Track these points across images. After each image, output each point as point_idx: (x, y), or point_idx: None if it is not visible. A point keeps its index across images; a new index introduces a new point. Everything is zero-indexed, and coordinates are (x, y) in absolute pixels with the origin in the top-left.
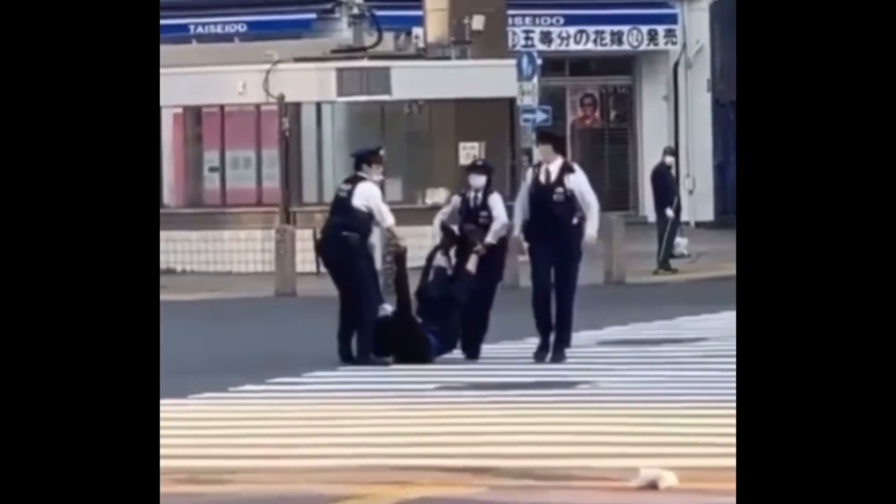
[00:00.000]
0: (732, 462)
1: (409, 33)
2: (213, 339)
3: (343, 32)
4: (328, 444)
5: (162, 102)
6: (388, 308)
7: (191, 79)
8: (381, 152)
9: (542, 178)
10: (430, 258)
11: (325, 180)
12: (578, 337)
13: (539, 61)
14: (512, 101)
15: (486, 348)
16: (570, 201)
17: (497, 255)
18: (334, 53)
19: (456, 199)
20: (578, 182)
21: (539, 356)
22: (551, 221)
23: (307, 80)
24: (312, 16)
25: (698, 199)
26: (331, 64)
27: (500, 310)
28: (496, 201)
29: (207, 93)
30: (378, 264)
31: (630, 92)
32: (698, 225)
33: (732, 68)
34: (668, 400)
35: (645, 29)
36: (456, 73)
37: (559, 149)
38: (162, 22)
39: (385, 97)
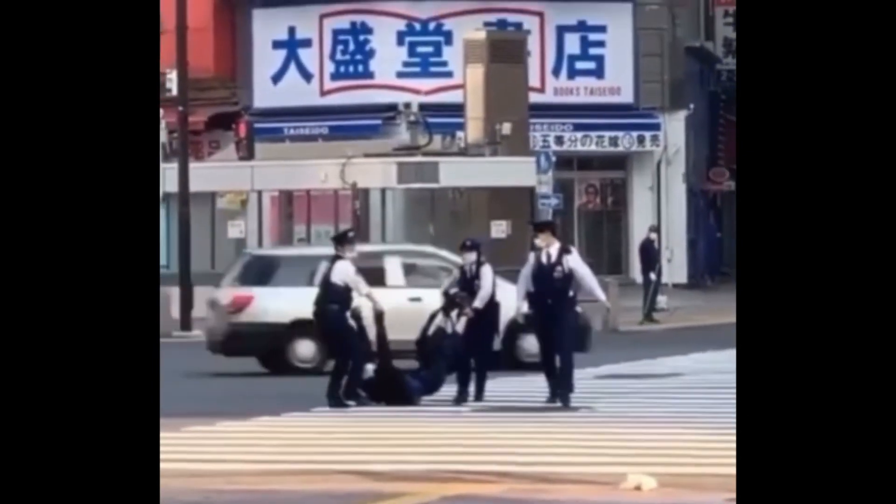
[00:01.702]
0: (703, 470)
1: (453, 136)
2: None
3: (402, 135)
4: (380, 452)
5: (261, 187)
6: (369, 369)
7: (285, 170)
8: (352, 234)
9: (544, 259)
10: (433, 317)
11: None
12: (581, 372)
13: (553, 159)
14: (532, 189)
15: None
16: (568, 278)
17: (488, 316)
18: (395, 151)
19: (456, 272)
20: (575, 262)
21: (552, 399)
22: (553, 294)
23: (374, 171)
24: (379, 122)
25: (675, 265)
26: (393, 159)
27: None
28: (485, 273)
29: (297, 181)
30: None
31: (623, 183)
32: (674, 286)
33: (702, 165)
34: (652, 421)
35: (635, 135)
36: (489, 167)
37: (556, 234)
38: (261, 125)
39: (434, 185)
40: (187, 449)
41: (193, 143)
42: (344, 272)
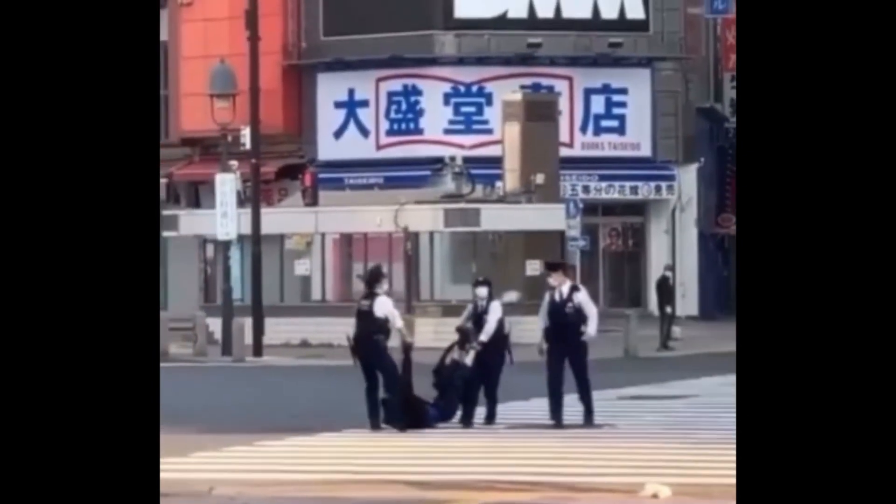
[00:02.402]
0: (712, 480)
1: (493, 185)
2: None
3: (448, 184)
4: (426, 463)
5: (324, 230)
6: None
7: (345, 215)
8: (384, 271)
9: (557, 297)
10: (449, 349)
11: (435, 284)
12: (604, 394)
13: (581, 206)
14: (562, 232)
15: (521, 405)
16: (579, 313)
17: (495, 348)
18: (442, 199)
19: (470, 306)
20: (583, 299)
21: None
22: (566, 328)
23: (424, 217)
24: (428, 173)
25: (687, 300)
26: (440, 205)
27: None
28: (494, 308)
29: (356, 224)
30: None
31: (642, 227)
32: (687, 318)
33: (712, 211)
34: (668, 436)
35: (653, 184)
36: (524, 213)
37: (567, 274)
38: (324, 175)
39: (476, 228)
40: (260, 461)
41: (265, 191)
42: (386, 306)
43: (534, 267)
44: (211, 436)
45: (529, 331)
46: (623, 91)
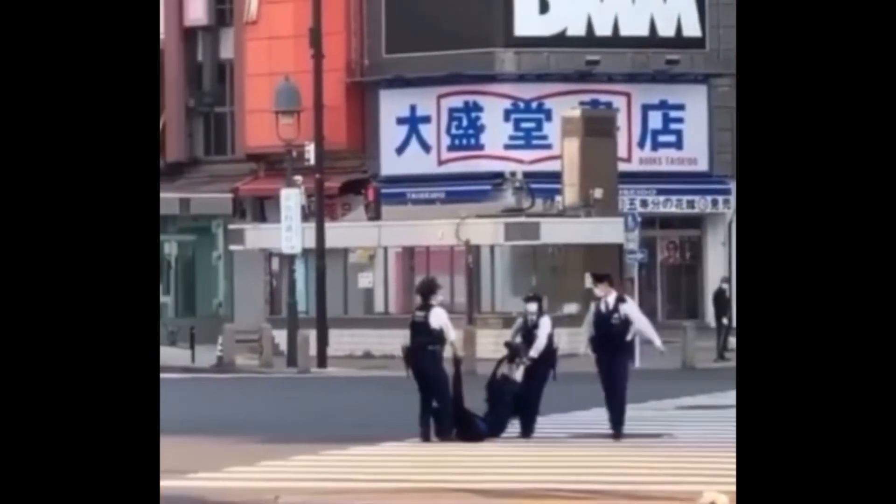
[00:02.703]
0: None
1: (552, 200)
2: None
3: (508, 199)
4: (487, 473)
5: (387, 244)
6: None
7: (407, 229)
8: (438, 283)
9: (603, 308)
10: (500, 363)
11: (496, 297)
12: (662, 403)
13: (639, 219)
14: (621, 245)
15: (581, 415)
16: (625, 323)
17: (544, 363)
18: (503, 213)
19: (520, 321)
20: (630, 309)
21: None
22: (612, 338)
23: (485, 230)
24: (489, 187)
25: None
26: (500, 219)
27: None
28: (544, 324)
29: (418, 238)
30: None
31: (699, 240)
32: None
33: None
34: (725, 445)
35: (709, 198)
36: (583, 227)
37: (612, 285)
38: (387, 190)
39: (536, 242)
40: (325, 470)
41: (328, 205)
42: (441, 318)
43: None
44: (277, 445)
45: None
46: (680, 107)
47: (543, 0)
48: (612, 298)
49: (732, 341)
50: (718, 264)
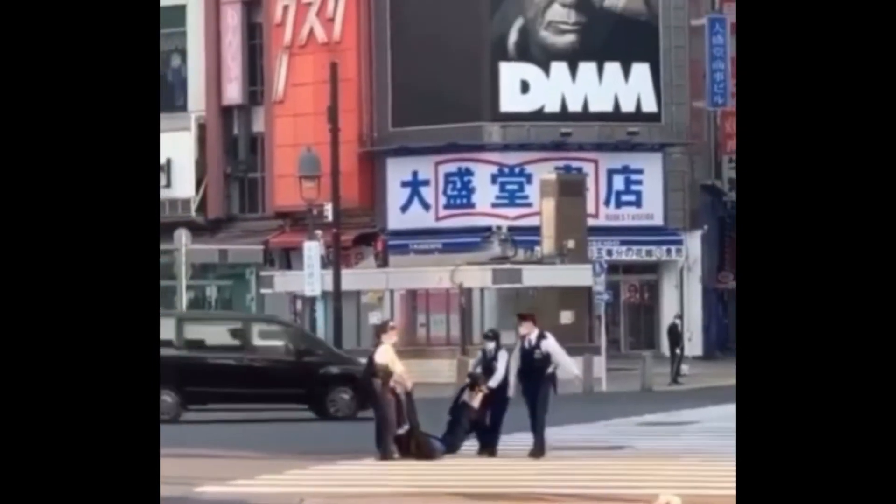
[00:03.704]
0: (717, 492)
1: (532, 250)
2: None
3: (495, 249)
4: (474, 480)
5: (393, 287)
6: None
7: (410, 275)
8: (392, 324)
9: (526, 345)
10: (462, 391)
11: (485, 331)
12: (626, 420)
13: (605, 266)
14: (590, 288)
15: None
16: (546, 358)
17: (501, 393)
18: (491, 261)
19: (480, 355)
20: (550, 345)
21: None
22: (534, 370)
23: (475, 276)
24: (478, 239)
25: (693, 343)
26: (488, 266)
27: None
28: (501, 357)
29: (419, 282)
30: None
31: (656, 283)
32: (693, 358)
33: (713, 270)
34: (680, 455)
35: (664, 248)
36: (559, 272)
37: (536, 323)
38: (393, 242)
39: (518, 285)
40: (342, 478)
41: (344, 255)
42: (386, 354)
43: (567, 317)
44: (298, 458)
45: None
46: (639, 171)
47: (524, 82)
48: (534, 336)
49: (684, 368)
50: (672, 303)
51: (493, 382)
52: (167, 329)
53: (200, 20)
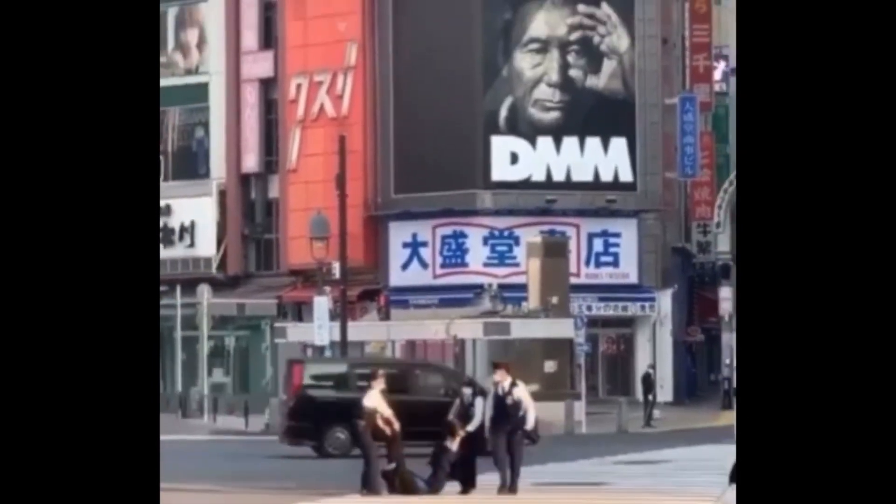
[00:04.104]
0: None
1: (520, 305)
2: None
3: (486, 304)
4: None
5: (394, 338)
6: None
7: (410, 327)
8: (380, 372)
9: (500, 391)
10: (442, 440)
11: (476, 378)
12: (603, 460)
13: (585, 320)
14: (571, 340)
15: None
16: (517, 404)
17: (479, 437)
18: (482, 315)
19: (458, 402)
20: (521, 392)
21: (501, 490)
22: (506, 415)
23: (468, 328)
24: (471, 295)
25: (664, 390)
26: (480, 320)
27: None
28: (478, 403)
29: (418, 333)
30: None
31: (631, 336)
32: (665, 403)
33: (682, 324)
34: (656, 490)
35: (639, 304)
36: (543, 325)
37: (509, 371)
38: (394, 298)
39: (507, 337)
40: None
41: (350, 309)
42: (374, 398)
43: (550, 366)
44: (304, 492)
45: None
46: (617, 235)
47: (514, 153)
48: (507, 383)
49: (657, 413)
50: (645, 354)
51: (472, 426)
52: (341, 372)
53: (222, 97)
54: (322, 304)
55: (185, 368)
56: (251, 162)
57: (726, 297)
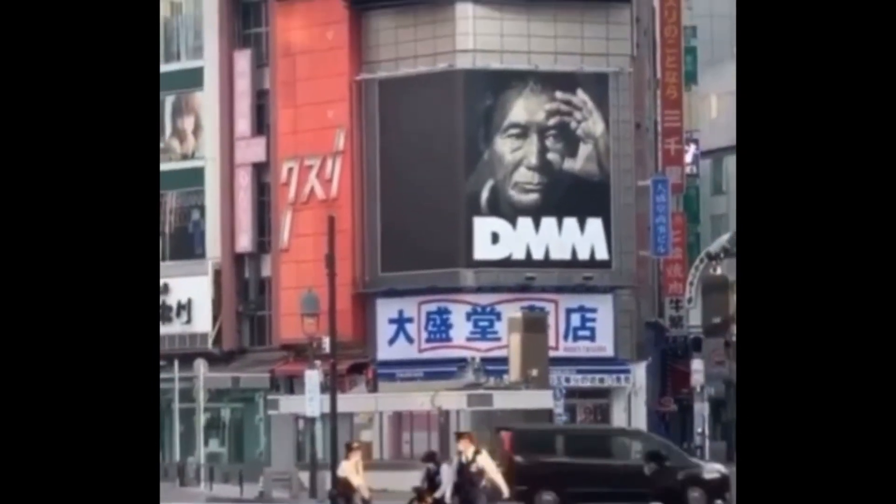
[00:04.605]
0: None
1: (501, 377)
2: None
3: (469, 377)
4: None
5: (382, 409)
6: None
7: (396, 399)
8: (355, 445)
9: (463, 459)
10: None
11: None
12: None
13: (564, 391)
14: (551, 410)
15: None
16: (480, 473)
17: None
18: (465, 387)
19: (424, 470)
20: (485, 461)
21: None
22: (470, 483)
23: (452, 399)
24: (455, 369)
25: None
26: (464, 392)
27: None
28: (444, 471)
29: (405, 405)
30: None
31: (608, 406)
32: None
33: (656, 395)
34: None
35: (615, 376)
36: (524, 397)
37: (472, 441)
38: (382, 371)
39: (490, 408)
40: None
41: (339, 381)
42: (347, 468)
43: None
44: None
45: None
46: (593, 310)
47: (495, 233)
48: (470, 452)
49: None
50: (621, 424)
51: (439, 493)
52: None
53: (217, 180)
54: (313, 377)
55: (182, 439)
56: (245, 242)
57: (698, 368)
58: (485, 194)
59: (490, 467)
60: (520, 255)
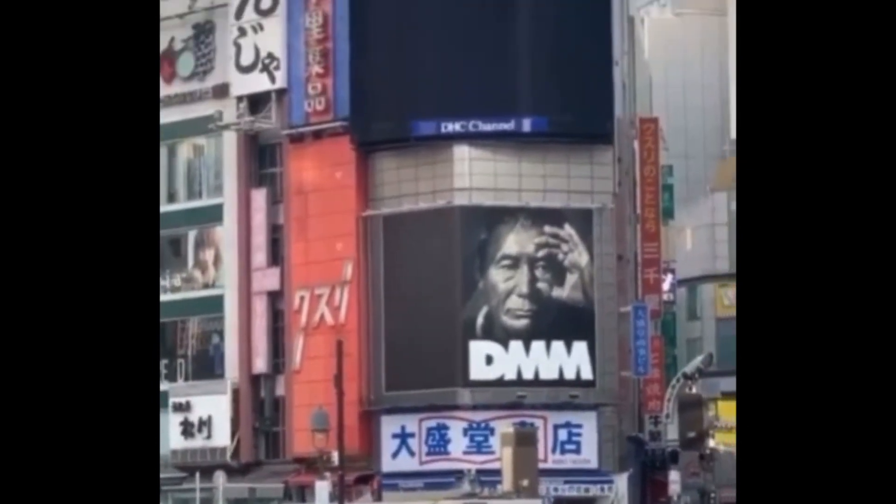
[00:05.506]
0: None
1: (495, 487)
2: None
3: (466, 487)
4: None
5: None
6: None
7: None
8: None
9: None
10: None
11: None
12: None
13: (552, 500)
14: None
15: None
16: None
17: None
18: (462, 496)
19: None
20: None
21: None
22: None
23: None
24: (453, 480)
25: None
26: (461, 501)
27: None
28: None
29: None
30: None
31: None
32: None
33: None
34: None
35: (598, 486)
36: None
37: None
38: (386, 482)
39: None
40: None
41: (347, 492)
42: None
43: None
44: None
45: None
46: (579, 426)
47: (489, 356)
48: None
49: None
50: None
51: None
52: None
53: (235, 307)
54: (323, 487)
55: None
56: (261, 364)
57: (675, 479)
58: (480, 320)
59: None
60: (512, 375)
